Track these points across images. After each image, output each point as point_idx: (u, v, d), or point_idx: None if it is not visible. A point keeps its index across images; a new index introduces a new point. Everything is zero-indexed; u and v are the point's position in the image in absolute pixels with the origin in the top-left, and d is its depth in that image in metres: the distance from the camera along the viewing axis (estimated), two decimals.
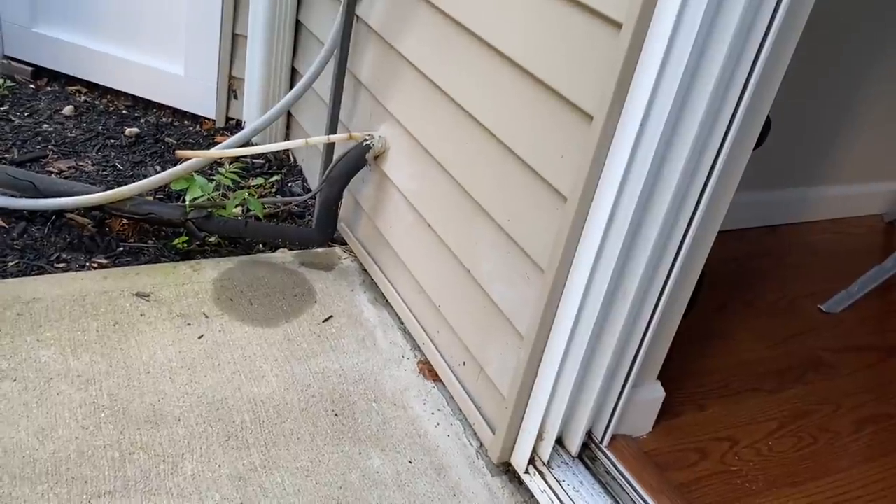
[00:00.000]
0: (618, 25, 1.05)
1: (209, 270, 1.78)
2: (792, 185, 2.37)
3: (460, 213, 1.46)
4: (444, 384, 1.56)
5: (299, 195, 2.11)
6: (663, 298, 1.26)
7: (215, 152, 1.78)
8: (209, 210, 1.81)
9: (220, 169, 1.93)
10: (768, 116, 1.55)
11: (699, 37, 1.01)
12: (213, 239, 1.88)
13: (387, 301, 1.75)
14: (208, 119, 2.40)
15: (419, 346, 1.64)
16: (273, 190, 2.12)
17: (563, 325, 1.25)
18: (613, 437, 1.42)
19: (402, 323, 1.70)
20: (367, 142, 1.71)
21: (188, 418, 1.39)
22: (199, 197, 1.80)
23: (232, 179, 1.86)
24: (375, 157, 1.73)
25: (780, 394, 1.67)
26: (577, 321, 1.23)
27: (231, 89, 2.36)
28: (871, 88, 2.28)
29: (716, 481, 1.40)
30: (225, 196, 1.87)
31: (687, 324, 1.51)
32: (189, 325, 1.61)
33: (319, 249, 1.92)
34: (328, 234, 1.87)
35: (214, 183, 1.85)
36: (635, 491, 1.31)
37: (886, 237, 2.50)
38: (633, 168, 1.11)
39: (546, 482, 1.32)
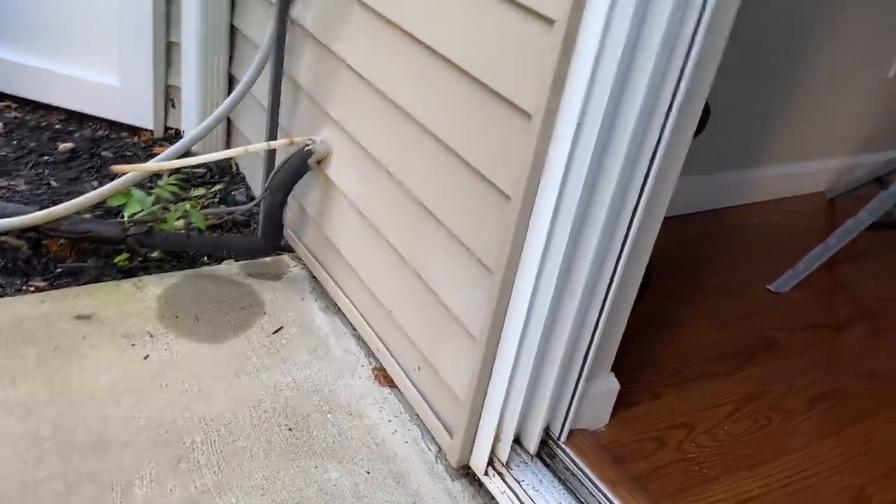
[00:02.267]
0: (550, 22, 1.04)
1: (153, 287, 1.73)
2: (733, 167, 2.40)
3: (407, 216, 1.44)
4: (400, 390, 1.53)
5: (243, 204, 2.06)
6: (612, 291, 1.26)
7: (152, 165, 1.73)
8: (149, 225, 1.76)
9: (158, 181, 1.88)
10: (707, 104, 1.56)
11: (632, 27, 1.01)
12: (155, 254, 1.82)
13: (338, 308, 1.72)
14: (146, 130, 2.33)
15: (373, 353, 1.61)
16: (216, 200, 2.07)
17: (514, 324, 1.24)
18: (571, 433, 1.41)
19: (354, 330, 1.67)
20: (309, 147, 1.68)
21: (136, 442, 1.35)
22: (138, 212, 1.74)
23: (171, 192, 1.81)
24: (318, 162, 1.70)
25: (733, 377, 1.69)
26: (527, 320, 1.22)
27: (168, 98, 2.30)
28: (805, 67, 2.32)
29: (673, 470, 1.41)
30: (166, 209, 1.82)
31: (638, 314, 1.52)
32: (134, 345, 1.56)
33: (267, 259, 1.88)
34: (274, 242, 1.83)
35: (154, 196, 1.80)
36: (594, 485, 1.31)
37: (829, 214, 2.55)
38: (573, 163, 1.10)
39: (506, 483, 1.31)
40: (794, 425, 1.59)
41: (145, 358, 1.53)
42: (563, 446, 1.39)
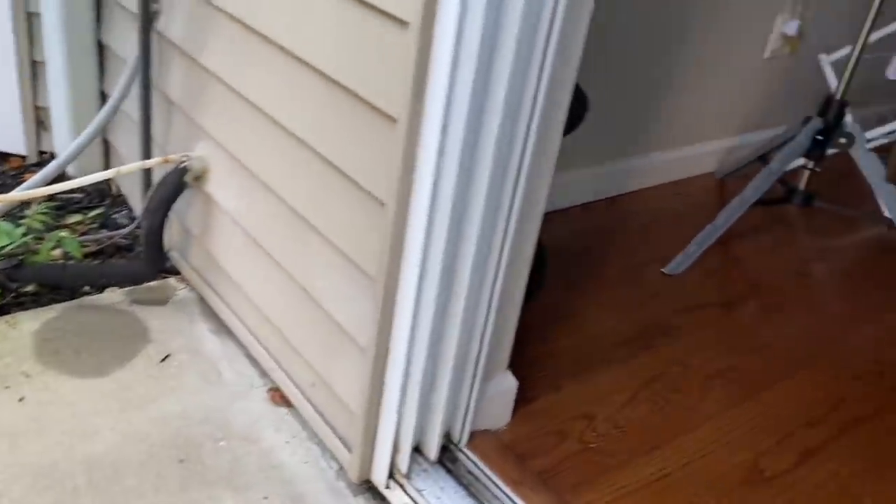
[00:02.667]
0: (405, 24, 1.02)
1: (28, 323, 1.63)
2: (626, 155, 2.45)
3: (289, 230, 1.40)
4: (297, 409, 1.49)
5: (125, 227, 1.96)
6: (497, 290, 1.25)
7: (15, 195, 1.62)
8: (20, 258, 1.65)
9: (27, 210, 1.77)
10: (585, 95, 1.58)
11: (487, 24, 1.00)
12: (30, 288, 1.72)
13: (229, 330, 1.66)
14: (18, 156, 2.20)
15: (267, 374, 1.56)
16: (95, 225, 1.97)
17: (401, 332, 1.21)
18: (473, 435, 1.40)
19: (247, 351, 1.61)
20: (185, 163, 1.61)
21: (11, 493, 1.26)
22: (5, 245, 1.64)
23: (42, 221, 1.71)
24: (197, 179, 1.63)
25: (631, 362, 1.71)
26: (414, 327, 1.20)
27: (38, 121, 2.18)
28: (685, 53, 2.38)
29: (576, 461, 1.42)
30: (39, 239, 1.71)
31: (535, 307, 1.52)
32: (7, 387, 1.46)
33: (152, 283, 1.80)
34: (158, 265, 1.75)
35: (24, 227, 1.69)
36: (497, 486, 1.30)
37: (719, 194, 2.63)
38: (443, 166, 1.09)
39: (407, 493, 1.28)
40: (692, 405, 1.62)
41: (20, 400, 1.44)
42: (465, 450, 1.37)
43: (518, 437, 1.44)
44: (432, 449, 1.34)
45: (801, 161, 2.32)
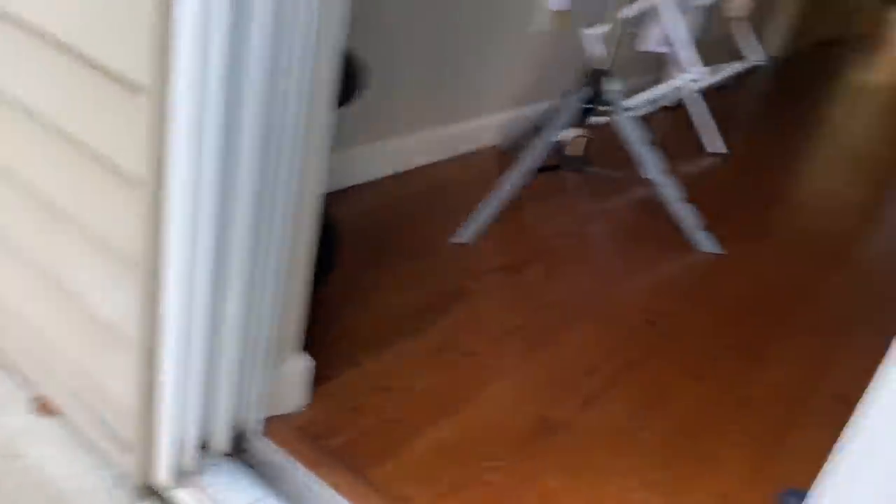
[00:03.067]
0: None
1: None
2: (412, 130, 2.47)
3: (43, 222, 1.26)
4: (67, 417, 1.35)
5: None
6: (278, 270, 1.21)
7: None
8: None
9: None
10: (362, 67, 1.56)
11: None
12: None
13: None
14: None
15: (30, 382, 1.40)
16: None
17: (173, 323, 1.13)
18: (269, 422, 1.35)
19: (5, 360, 1.44)
20: None
21: None
22: None
23: None
24: None
25: (427, 331, 1.73)
26: (188, 317, 1.12)
27: None
28: (461, 29, 2.45)
29: (373, 435, 1.41)
30: None
31: (331, 286, 1.49)
32: None
33: None
34: None
35: None
36: (293, 471, 1.27)
37: (502, 165, 2.73)
38: (204, 138, 1.02)
39: (196, 491, 1.21)
40: (485, 365, 1.68)
41: None
42: (259, 439, 1.32)
43: (315, 419, 1.41)
44: (221, 442, 1.27)
45: (575, 130, 2.47)
